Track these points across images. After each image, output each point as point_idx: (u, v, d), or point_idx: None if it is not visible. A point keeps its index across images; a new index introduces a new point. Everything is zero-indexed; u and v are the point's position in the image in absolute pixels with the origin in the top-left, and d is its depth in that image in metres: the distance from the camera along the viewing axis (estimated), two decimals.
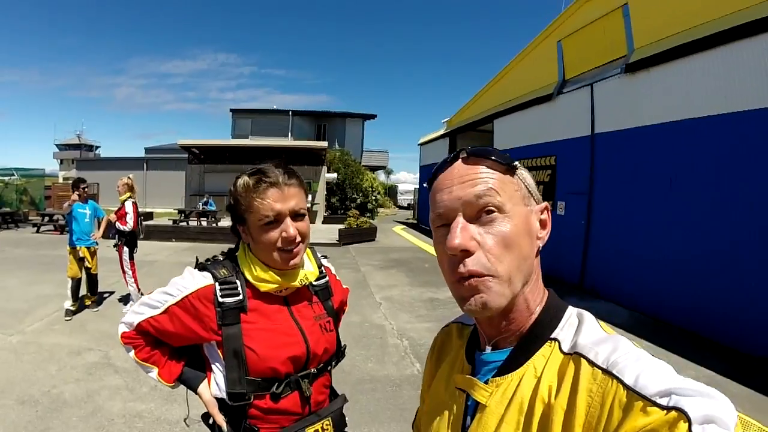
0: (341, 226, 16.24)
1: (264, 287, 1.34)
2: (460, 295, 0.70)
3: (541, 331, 0.71)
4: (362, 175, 25.51)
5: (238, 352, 1.28)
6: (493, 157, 0.72)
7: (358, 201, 24.36)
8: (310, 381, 1.38)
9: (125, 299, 7.09)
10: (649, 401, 0.53)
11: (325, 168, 23.26)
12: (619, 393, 0.56)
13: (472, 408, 0.74)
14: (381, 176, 43.92)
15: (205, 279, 1.32)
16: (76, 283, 6.43)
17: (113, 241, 6.75)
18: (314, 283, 1.48)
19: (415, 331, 6.17)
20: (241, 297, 1.31)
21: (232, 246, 1.49)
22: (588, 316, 0.73)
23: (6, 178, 22.38)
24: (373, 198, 25.69)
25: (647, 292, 7.30)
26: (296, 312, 1.41)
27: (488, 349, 0.77)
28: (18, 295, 7.44)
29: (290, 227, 1.29)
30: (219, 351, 1.32)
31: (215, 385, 1.34)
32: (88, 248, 6.58)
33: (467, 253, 0.67)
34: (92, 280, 6.77)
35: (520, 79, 12.74)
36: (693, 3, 6.74)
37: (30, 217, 20.13)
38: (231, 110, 33.66)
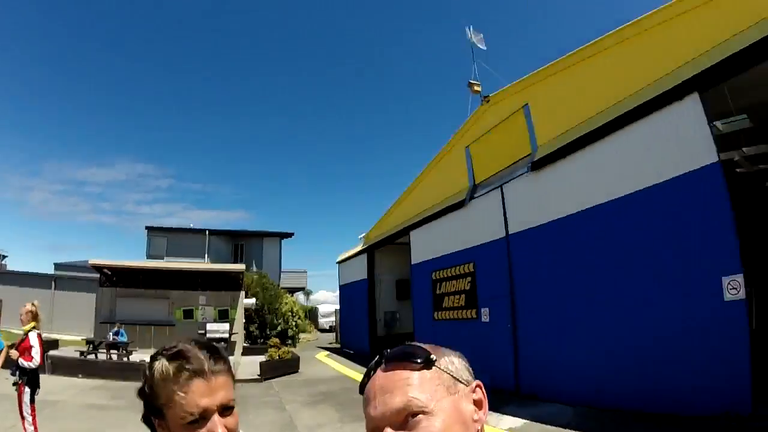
0: (262, 358, 15.04)
1: None
2: None
3: None
4: (281, 299, 24.31)
5: None
6: (407, 360, 0.77)
7: (279, 328, 22.86)
8: None
9: None
10: None
11: (243, 293, 21.97)
12: None
13: None
14: (300, 297, 42.79)
15: None
16: None
17: (13, 379, 5.78)
18: None
19: None
20: None
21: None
22: None
23: None
24: (294, 323, 24.29)
25: (586, 384, 7.00)
26: None
27: None
28: None
29: (218, 427, 1.06)
30: None
31: None
32: None
33: None
34: None
35: (432, 188, 13.01)
36: (586, 96, 7.29)
37: None
38: (146, 227, 32.07)
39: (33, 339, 5.71)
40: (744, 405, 5.08)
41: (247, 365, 15.61)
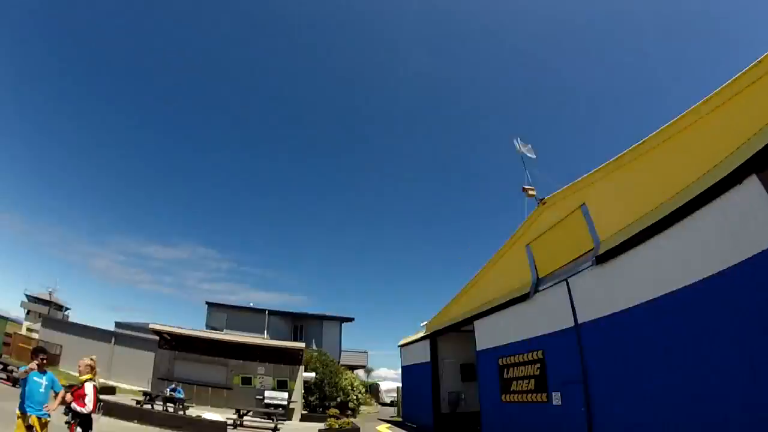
0: (321, 426, 15.34)
1: None
2: None
3: None
4: (341, 375, 24.76)
5: None
6: None
7: (339, 399, 23.25)
8: None
9: None
10: None
11: (302, 368, 22.62)
12: None
13: None
14: (360, 374, 42.39)
15: None
16: None
17: (66, 418, 6.30)
18: None
19: None
20: None
21: None
22: None
23: None
24: (354, 396, 24.60)
25: None
26: None
27: None
28: None
29: None
30: None
31: None
32: (39, 418, 6.17)
33: None
34: None
35: (495, 281, 13.64)
36: (644, 191, 7.74)
37: None
38: (207, 303, 33.56)
39: (88, 388, 6.26)
40: None
41: (305, 430, 16.08)
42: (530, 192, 11.59)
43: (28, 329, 37.04)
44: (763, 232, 5.72)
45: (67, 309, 58.52)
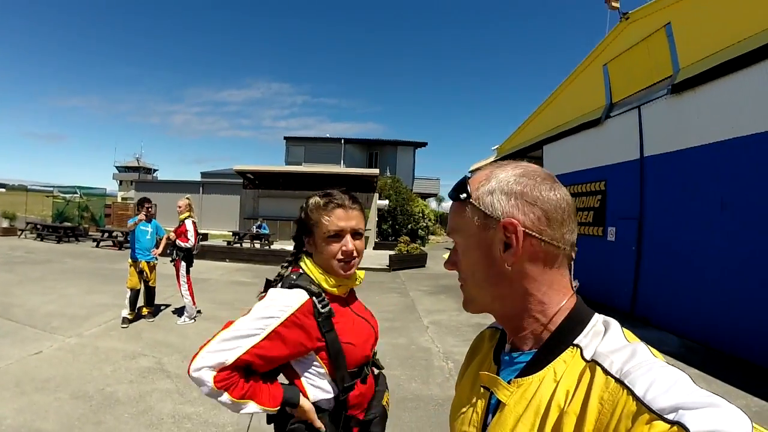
0: (392, 252, 16.40)
1: (337, 292, 1.54)
2: None
3: (563, 337, 0.73)
4: (413, 202, 25.56)
5: (339, 351, 1.45)
6: (450, 194, 0.82)
7: (410, 227, 24.40)
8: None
9: (179, 312, 7.43)
10: (655, 414, 0.54)
11: (376, 195, 23.51)
12: (629, 403, 0.57)
13: (494, 406, 0.77)
14: (432, 204, 43.77)
15: (301, 295, 1.44)
16: (135, 294, 6.88)
17: (170, 257, 7.25)
18: None
19: (461, 354, 6.04)
20: (329, 306, 1.47)
21: (285, 264, 1.68)
22: (613, 324, 0.74)
23: (68, 196, 24.29)
24: (424, 225, 25.64)
25: (698, 320, 7.02)
26: (354, 307, 1.64)
27: (507, 347, 0.84)
28: (77, 302, 7.94)
29: (349, 243, 1.52)
30: (318, 357, 1.46)
31: (314, 391, 1.47)
32: (148, 263, 7.10)
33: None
34: (150, 292, 7.26)
35: (568, 104, 12.68)
36: (736, 18, 6.63)
37: (90, 233, 21.42)
38: (285, 138, 34.63)
39: (189, 225, 7.01)
40: None
41: (378, 257, 16.96)
42: (614, 3, 10.00)
43: (123, 198, 40.66)
44: None
45: (155, 170, 63.38)
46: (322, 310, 1.43)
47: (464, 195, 0.79)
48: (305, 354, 1.45)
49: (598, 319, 0.75)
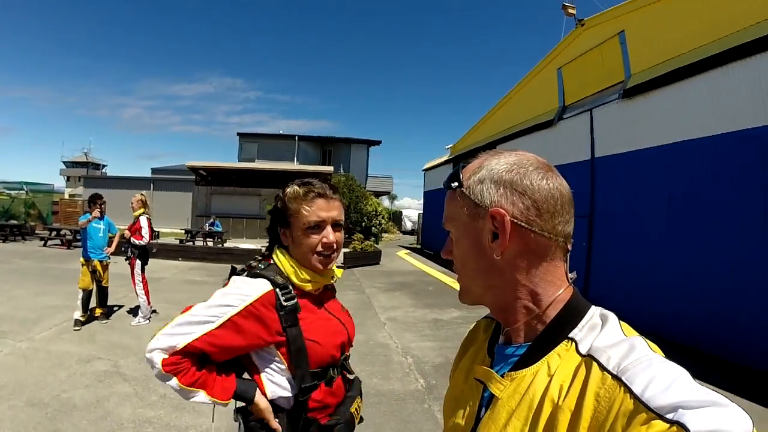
0: (346, 250, 16.33)
1: (308, 287, 1.46)
2: None
3: (558, 330, 0.72)
4: (367, 200, 25.62)
5: (302, 349, 1.36)
6: (444, 183, 0.82)
7: (363, 225, 24.45)
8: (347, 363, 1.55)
9: (134, 312, 7.20)
10: (653, 413, 0.52)
11: None
12: (626, 401, 0.55)
13: (488, 399, 0.76)
14: (385, 201, 44.05)
15: (263, 285, 1.37)
16: (87, 295, 6.61)
17: (124, 256, 7.01)
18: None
19: (419, 349, 6.21)
20: (296, 300, 1.40)
21: (259, 257, 1.60)
22: (611, 318, 0.72)
23: (14, 192, 23.04)
24: (377, 222, 25.74)
25: (650, 313, 7.32)
26: (328, 306, 1.56)
27: (501, 339, 0.82)
28: (26, 304, 7.54)
29: (330, 234, 1.44)
30: (279, 352, 1.38)
31: (272, 387, 1.40)
32: (100, 261, 6.81)
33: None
34: (103, 292, 6.97)
35: (522, 105, 13.03)
36: (686, 29, 7.00)
37: (37, 231, 20.43)
38: (238, 134, 34.33)
39: (143, 222, 6.83)
40: None
41: None
42: (570, 10, 10.37)
43: (71, 195, 39.00)
44: None
45: (104, 166, 60.97)
46: (285, 303, 1.36)
47: (456, 184, 0.79)
48: (264, 347, 1.38)
49: (594, 311, 0.74)
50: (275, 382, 1.39)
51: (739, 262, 5.89)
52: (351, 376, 1.57)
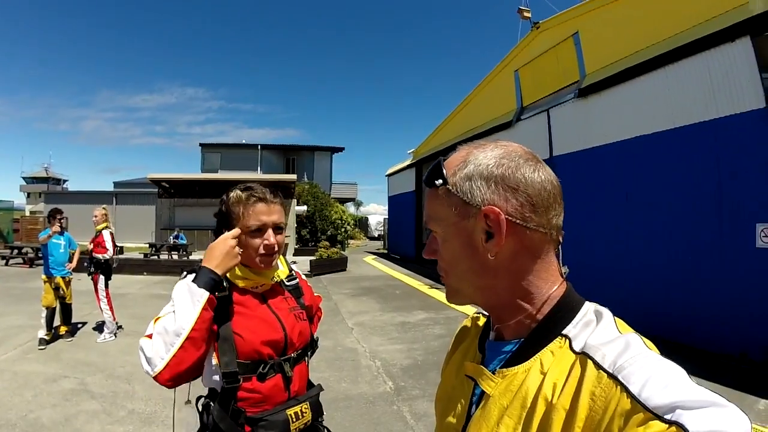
0: (312, 257, 16.24)
1: (241, 284, 1.54)
2: None
3: (551, 327, 0.69)
4: (332, 207, 25.59)
5: (228, 338, 1.42)
6: (424, 181, 0.77)
7: (329, 233, 24.36)
8: (290, 365, 1.54)
9: (99, 329, 6.96)
10: (651, 413, 0.51)
11: (294, 201, 23.24)
12: (623, 401, 0.54)
13: (479, 396, 0.73)
14: (351, 208, 44.15)
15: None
16: (51, 313, 6.37)
17: (86, 272, 6.83)
18: (286, 282, 1.71)
19: (387, 352, 6.18)
20: (227, 293, 1.46)
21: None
22: (605, 314, 0.71)
23: None
24: (343, 230, 25.75)
25: (613, 305, 7.47)
26: (273, 305, 1.59)
27: (492, 335, 0.79)
28: None
29: (272, 237, 1.51)
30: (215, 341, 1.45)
31: (210, 374, 1.47)
32: (63, 278, 6.58)
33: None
34: (67, 309, 6.74)
35: (481, 108, 13.29)
36: (638, 28, 7.28)
37: None
38: (200, 144, 33.77)
39: (106, 236, 6.73)
40: (761, 350, 5.30)
41: (298, 263, 17.25)
42: (525, 14, 10.62)
43: (32, 212, 37.62)
44: (740, 96, 5.68)
45: (65, 181, 58.90)
46: (218, 297, 1.43)
47: (440, 181, 0.73)
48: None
49: (588, 308, 0.72)
50: (212, 369, 1.46)
51: (697, 252, 6.15)
52: (315, 385, 1.66)
